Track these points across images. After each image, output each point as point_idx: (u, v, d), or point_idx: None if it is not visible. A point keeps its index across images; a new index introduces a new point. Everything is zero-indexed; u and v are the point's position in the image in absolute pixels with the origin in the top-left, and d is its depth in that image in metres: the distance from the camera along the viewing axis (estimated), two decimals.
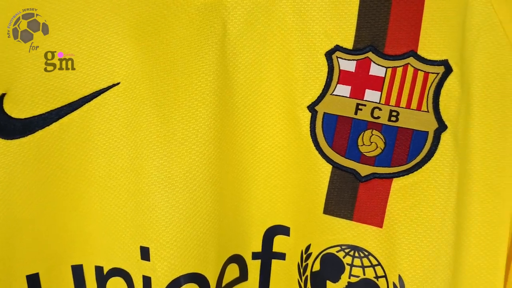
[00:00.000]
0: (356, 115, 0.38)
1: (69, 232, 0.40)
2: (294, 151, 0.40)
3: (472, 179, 0.39)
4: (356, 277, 0.39)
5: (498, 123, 0.38)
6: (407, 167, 0.37)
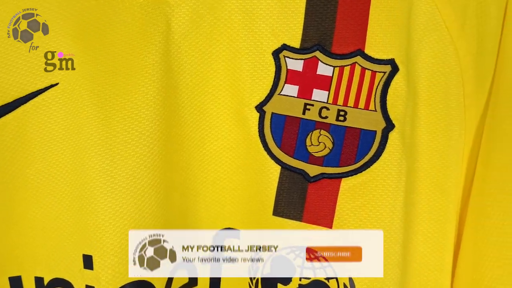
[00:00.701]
0: (304, 115, 0.38)
1: (6, 242, 0.38)
2: (243, 152, 0.39)
3: (419, 178, 0.39)
4: (307, 279, 0.39)
5: (443, 122, 0.39)
6: (356, 167, 0.37)
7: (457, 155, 0.40)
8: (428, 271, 0.42)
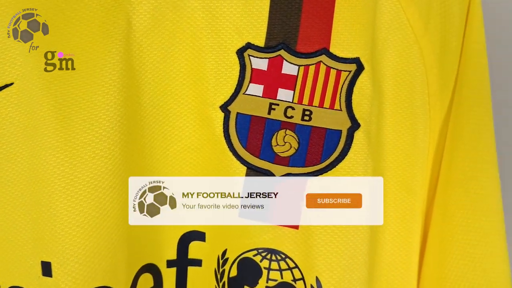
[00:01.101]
0: (269, 115, 0.37)
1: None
2: (208, 153, 0.39)
3: (385, 177, 0.39)
4: (274, 281, 0.38)
5: (408, 121, 0.39)
6: (322, 167, 0.37)
7: (422, 154, 0.40)
8: (395, 269, 0.42)
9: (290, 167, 0.37)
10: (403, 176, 0.40)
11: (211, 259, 0.41)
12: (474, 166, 0.39)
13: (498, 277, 0.39)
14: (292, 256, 0.38)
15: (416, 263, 0.42)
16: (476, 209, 0.38)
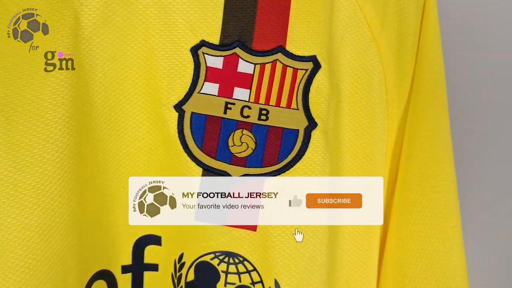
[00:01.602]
0: (225, 115, 0.36)
1: None
2: (162, 154, 0.37)
3: (344, 175, 0.38)
4: (232, 285, 0.37)
5: (366, 119, 0.38)
6: (279, 167, 0.36)
7: (380, 152, 0.40)
8: (355, 269, 0.41)
9: (247, 168, 0.36)
10: (362, 175, 0.39)
11: (168, 264, 0.39)
12: (431, 164, 0.39)
13: (455, 274, 0.39)
14: (250, 258, 0.37)
15: (376, 262, 0.42)
16: (433, 207, 0.38)
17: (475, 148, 0.52)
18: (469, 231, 0.48)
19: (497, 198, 0.53)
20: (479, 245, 0.53)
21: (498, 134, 0.52)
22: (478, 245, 0.53)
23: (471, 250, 0.47)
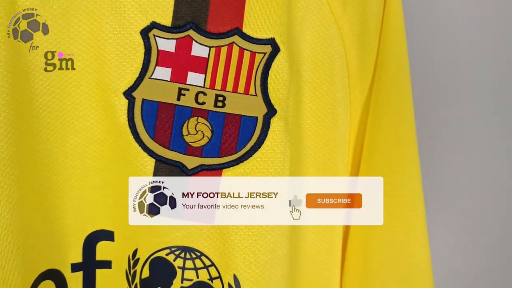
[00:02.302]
0: (179, 101, 0.34)
1: None
2: (112, 144, 0.35)
3: (305, 165, 0.37)
4: (189, 281, 0.35)
5: (328, 105, 0.37)
6: (237, 157, 0.34)
7: (343, 140, 0.38)
8: (318, 261, 0.40)
9: (204, 158, 0.34)
10: (324, 164, 0.38)
11: (122, 260, 0.37)
12: (395, 152, 0.37)
13: (419, 263, 0.38)
14: (208, 253, 0.35)
15: (339, 252, 0.40)
16: (397, 196, 0.37)
17: (435, 144, 0.51)
18: (433, 222, 0.48)
19: (459, 192, 0.52)
20: (442, 235, 0.52)
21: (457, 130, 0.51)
22: (441, 235, 0.52)
23: (435, 240, 0.46)
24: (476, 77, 0.50)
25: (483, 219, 0.52)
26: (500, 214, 0.52)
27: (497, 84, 0.49)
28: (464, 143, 0.50)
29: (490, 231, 0.53)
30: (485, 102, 0.50)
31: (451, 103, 0.50)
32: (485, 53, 0.49)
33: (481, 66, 0.49)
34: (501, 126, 0.50)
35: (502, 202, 0.52)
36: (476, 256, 0.53)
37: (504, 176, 0.51)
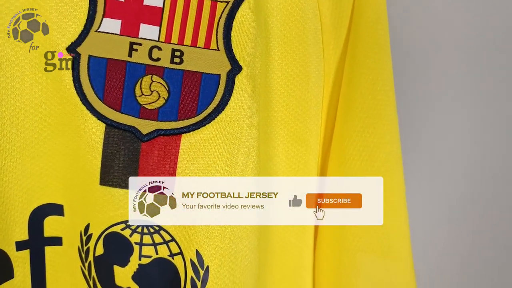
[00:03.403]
0: (130, 58, 0.29)
1: None
2: (56, 108, 0.30)
3: (274, 128, 0.33)
4: (148, 258, 0.32)
5: (299, 62, 0.33)
6: (198, 120, 0.30)
7: (316, 100, 0.35)
8: (290, 232, 0.37)
9: (160, 122, 0.30)
10: (295, 126, 0.34)
11: (73, 236, 0.33)
12: (372, 111, 0.34)
13: (397, 231, 0.35)
14: (167, 227, 0.31)
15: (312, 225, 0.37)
16: (374, 160, 0.34)
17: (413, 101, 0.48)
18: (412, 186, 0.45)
19: (437, 154, 0.50)
20: (420, 200, 0.50)
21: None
22: (419, 200, 0.50)
23: (414, 205, 0.44)
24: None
25: (464, 180, 0.50)
26: (485, 173, 0.50)
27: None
28: (445, 100, 0.48)
29: (471, 194, 0.51)
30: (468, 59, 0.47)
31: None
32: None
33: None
34: (487, 81, 0.47)
35: (486, 160, 0.49)
36: (459, 221, 0.51)
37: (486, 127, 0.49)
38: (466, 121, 0.48)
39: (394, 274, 0.36)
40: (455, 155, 0.49)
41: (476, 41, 0.46)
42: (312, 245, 0.38)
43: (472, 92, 0.47)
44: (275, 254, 0.37)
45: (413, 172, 0.48)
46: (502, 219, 0.50)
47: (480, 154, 0.49)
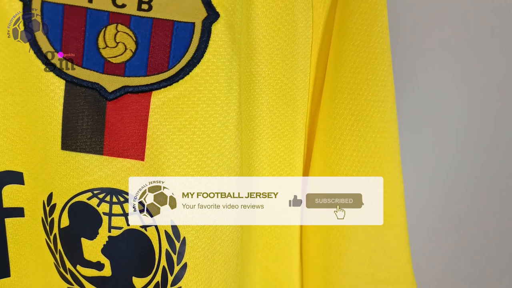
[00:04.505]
0: (91, 4, 0.25)
1: None
2: (8, 63, 0.27)
3: (257, 85, 0.30)
4: (118, 229, 0.29)
5: (285, 10, 0.29)
6: (170, 75, 0.26)
7: (303, 53, 0.31)
8: None
9: (127, 78, 0.26)
10: (280, 83, 0.31)
11: (35, 207, 0.30)
12: (366, 65, 0.30)
13: (392, 195, 0.32)
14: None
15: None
16: (367, 120, 0.31)
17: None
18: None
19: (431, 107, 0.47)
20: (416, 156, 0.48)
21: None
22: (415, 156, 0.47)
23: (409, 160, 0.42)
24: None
25: (457, 136, 0.47)
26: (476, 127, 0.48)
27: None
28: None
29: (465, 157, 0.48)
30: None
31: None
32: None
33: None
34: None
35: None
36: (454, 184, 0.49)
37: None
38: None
39: (388, 241, 0.33)
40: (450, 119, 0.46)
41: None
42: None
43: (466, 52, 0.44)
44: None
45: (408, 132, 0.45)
46: (498, 183, 0.48)
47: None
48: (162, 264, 0.29)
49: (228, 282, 0.30)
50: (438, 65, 0.45)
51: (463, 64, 0.45)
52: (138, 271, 0.29)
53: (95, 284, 0.30)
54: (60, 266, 0.31)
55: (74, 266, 0.30)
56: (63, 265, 0.30)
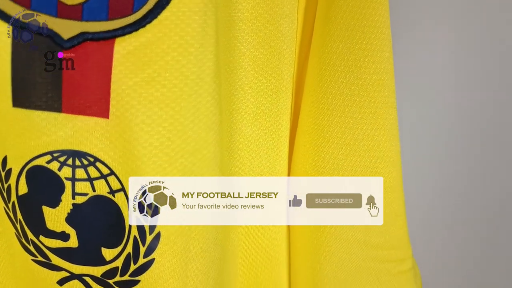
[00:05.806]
0: None
1: None
2: None
3: (238, 30, 0.26)
4: (83, 196, 0.25)
5: None
6: (135, 19, 0.23)
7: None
8: (263, 152, 0.30)
9: (85, 22, 0.23)
10: (265, 29, 0.27)
11: None
12: (360, 11, 0.27)
13: (385, 155, 0.29)
14: (105, 158, 0.25)
15: (286, 143, 0.31)
16: (361, 70, 0.27)
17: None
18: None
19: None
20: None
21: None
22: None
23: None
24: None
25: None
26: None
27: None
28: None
29: None
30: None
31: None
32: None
33: None
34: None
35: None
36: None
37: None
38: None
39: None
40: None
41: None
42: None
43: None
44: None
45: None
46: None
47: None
48: (133, 233, 0.26)
49: (207, 251, 0.28)
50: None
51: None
52: (107, 242, 0.26)
53: (61, 256, 0.27)
54: (22, 237, 0.27)
55: (36, 236, 0.27)
56: (25, 236, 0.27)
